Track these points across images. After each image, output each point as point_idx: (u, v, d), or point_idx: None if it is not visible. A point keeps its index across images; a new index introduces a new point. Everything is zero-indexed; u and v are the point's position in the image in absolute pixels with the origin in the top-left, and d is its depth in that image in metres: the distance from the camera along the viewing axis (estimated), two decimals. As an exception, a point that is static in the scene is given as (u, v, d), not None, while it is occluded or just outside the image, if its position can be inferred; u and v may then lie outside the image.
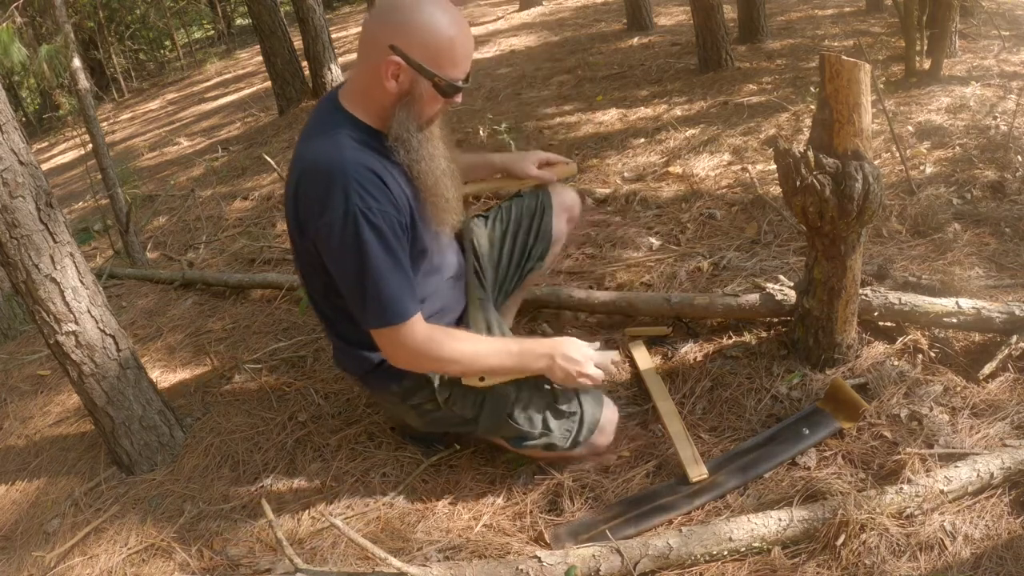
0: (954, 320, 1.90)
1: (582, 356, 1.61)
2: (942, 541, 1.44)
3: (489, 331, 1.78)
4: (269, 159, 4.72)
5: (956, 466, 1.53)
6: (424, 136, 1.50)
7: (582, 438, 1.74)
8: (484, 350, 1.60)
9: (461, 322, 1.80)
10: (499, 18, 8.94)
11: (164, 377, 2.61)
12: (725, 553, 1.48)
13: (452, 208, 1.60)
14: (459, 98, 1.51)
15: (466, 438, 1.94)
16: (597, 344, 1.67)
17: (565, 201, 2.04)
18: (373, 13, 1.45)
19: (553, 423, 1.73)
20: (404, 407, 1.76)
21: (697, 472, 1.68)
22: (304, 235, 1.51)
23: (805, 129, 3.44)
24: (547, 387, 1.73)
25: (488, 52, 6.95)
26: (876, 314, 1.97)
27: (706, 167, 3.35)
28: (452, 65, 1.43)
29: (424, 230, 1.58)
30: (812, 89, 3.78)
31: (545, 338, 1.71)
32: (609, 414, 1.78)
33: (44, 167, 5.02)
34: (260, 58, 7.31)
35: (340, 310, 1.62)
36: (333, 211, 1.41)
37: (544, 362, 1.61)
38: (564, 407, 1.73)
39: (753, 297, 2.07)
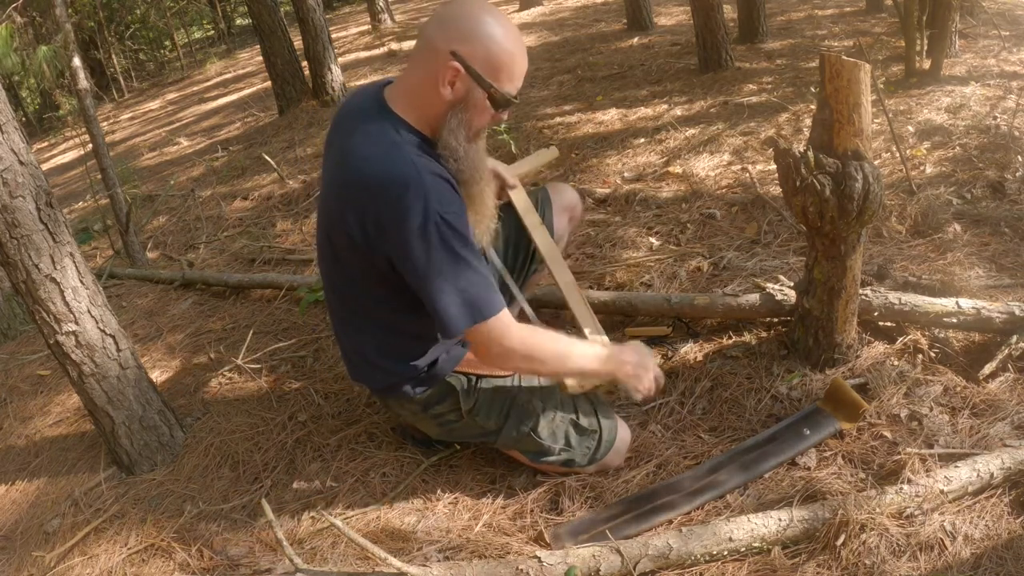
0: (954, 320, 1.89)
1: (653, 365, 1.64)
2: (942, 541, 1.44)
3: None
4: (269, 159, 4.73)
5: (956, 466, 1.53)
6: (472, 147, 1.50)
7: (599, 456, 1.76)
8: (571, 351, 1.58)
9: None
10: (499, 18, 8.93)
11: (164, 377, 2.61)
12: (725, 553, 1.48)
13: (491, 218, 1.61)
14: (506, 115, 1.51)
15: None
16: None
17: (565, 200, 2.04)
18: (435, 20, 1.44)
19: (575, 439, 1.75)
20: (424, 417, 1.75)
21: (596, 333, 1.71)
22: (367, 239, 1.47)
23: (805, 129, 3.44)
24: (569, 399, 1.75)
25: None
26: (876, 314, 1.97)
27: (706, 167, 3.35)
28: (509, 79, 1.44)
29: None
30: (812, 89, 3.78)
31: (620, 344, 1.70)
32: (624, 434, 1.81)
33: (44, 167, 5.03)
34: (260, 58, 7.32)
35: (381, 320, 1.62)
36: (414, 219, 1.39)
37: (628, 368, 1.60)
38: (585, 424, 1.74)
39: (753, 297, 2.07)
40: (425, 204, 1.38)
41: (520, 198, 1.97)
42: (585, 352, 1.61)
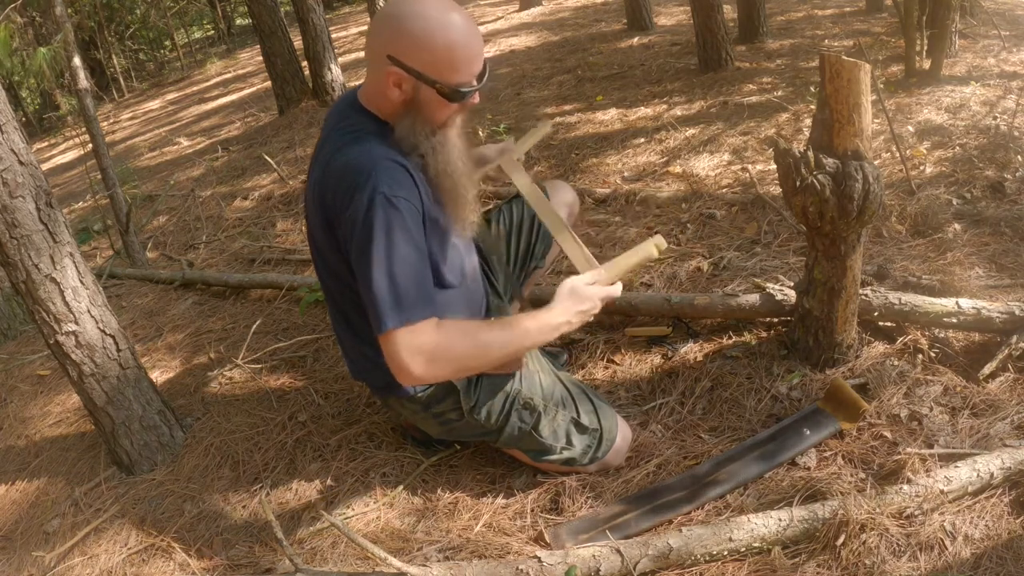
0: (954, 320, 1.89)
1: (593, 298, 1.52)
2: (942, 541, 1.44)
3: None
4: (269, 159, 4.73)
5: (956, 466, 1.53)
6: (439, 140, 1.47)
7: (600, 454, 1.77)
8: (500, 338, 1.46)
9: None
10: (499, 18, 8.95)
11: (164, 377, 2.61)
12: (725, 553, 1.48)
13: (471, 207, 1.58)
14: (476, 99, 1.48)
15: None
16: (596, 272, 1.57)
17: (563, 198, 2.04)
18: (373, 21, 1.43)
19: (576, 438, 1.75)
20: (425, 416, 1.74)
21: (590, 268, 1.59)
22: (334, 233, 1.47)
23: (805, 129, 3.44)
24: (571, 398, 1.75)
25: (488, 52, 6.95)
26: (876, 314, 1.97)
27: (706, 167, 3.36)
28: (452, 71, 1.38)
29: (445, 230, 1.56)
30: (812, 89, 3.78)
31: (552, 303, 1.51)
32: (625, 432, 1.81)
33: (44, 167, 5.03)
34: (260, 58, 7.31)
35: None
36: (359, 198, 1.38)
37: (565, 328, 1.50)
38: (586, 422, 1.75)
39: (753, 297, 2.07)
40: (374, 185, 1.37)
41: (518, 176, 1.94)
42: (514, 332, 1.47)
